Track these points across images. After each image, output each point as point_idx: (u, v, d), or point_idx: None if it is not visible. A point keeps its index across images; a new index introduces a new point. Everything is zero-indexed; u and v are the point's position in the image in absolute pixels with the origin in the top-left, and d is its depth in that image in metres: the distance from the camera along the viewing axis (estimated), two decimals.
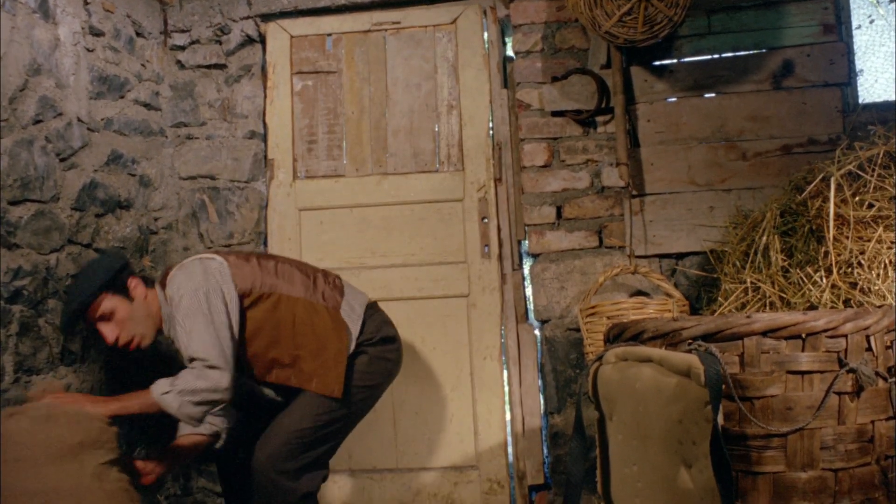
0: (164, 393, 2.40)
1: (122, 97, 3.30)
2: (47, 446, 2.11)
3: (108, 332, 2.60)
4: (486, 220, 3.40)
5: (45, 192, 2.81)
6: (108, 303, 2.57)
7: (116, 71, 3.26)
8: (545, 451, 3.30)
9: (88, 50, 3.10)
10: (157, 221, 3.48)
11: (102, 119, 3.17)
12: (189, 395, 2.40)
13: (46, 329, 2.77)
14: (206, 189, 3.57)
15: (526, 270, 3.43)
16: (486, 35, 3.50)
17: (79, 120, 3.02)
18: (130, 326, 2.61)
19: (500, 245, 3.40)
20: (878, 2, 3.28)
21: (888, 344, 1.94)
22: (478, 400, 3.34)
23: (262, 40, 3.62)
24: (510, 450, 3.35)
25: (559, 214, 3.32)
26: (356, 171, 3.53)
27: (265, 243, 3.54)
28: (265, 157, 3.58)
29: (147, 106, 3.47)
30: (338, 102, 3.56)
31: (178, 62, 3.64)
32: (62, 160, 2.92)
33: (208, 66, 3.62)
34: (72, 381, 2.87)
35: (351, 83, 3.56)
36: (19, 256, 2.68)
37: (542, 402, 3.32)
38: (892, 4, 3.26)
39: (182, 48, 3.63)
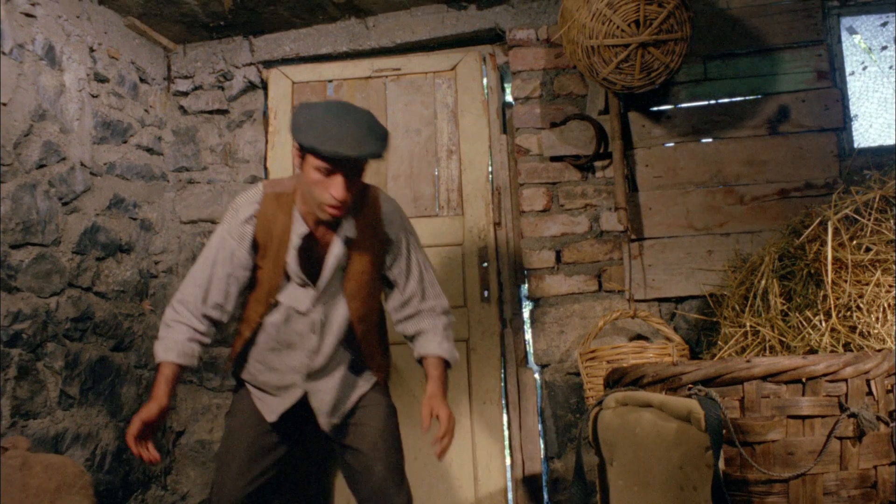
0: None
1: (125, 142, 3.33)
2: (25, 493, 2.11)
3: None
4: (485, 265, 3.41)
5: (46, 236, 2.82)
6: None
7: (120, 116, 3.30)
8: (546, 496, 3.27)
9: (93, 96, 3.15)
10: (157, 265, 3.49)
11: (105, 163, 3.20)
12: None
13: (45, 373, 2.76)
14: (207, 233, 3.58)
15: (525, 314, 3.43)
16: (485, 81, 3.54)
17: (82, 164, 3.05)
18: None
19: (500, 289, 3.40)
20: (870, 49, 3.33)
21: (889, 388, 1.94)
22: (477, 445, 3.31)
23: (265, 86, 3.67)
24: (510, 495, 3.31)
25: (558, 258, 3.33)
26: None
27: None
28: None
29: (149, 150, 3.51)
30: None
31: (181, 107, 3.68)
32: (64, 204, 2.94)
33: (210, 112, 3.67)
34: (69, 426, 2.85)
35: None
36: (19, 300, 2.69)
37: (542, 446, 3.30)
38: (885, 51, 3.31)
39: (185, 94, 3.68)
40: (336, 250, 2.36)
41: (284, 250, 2.34)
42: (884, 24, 3.30)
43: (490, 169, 3.49)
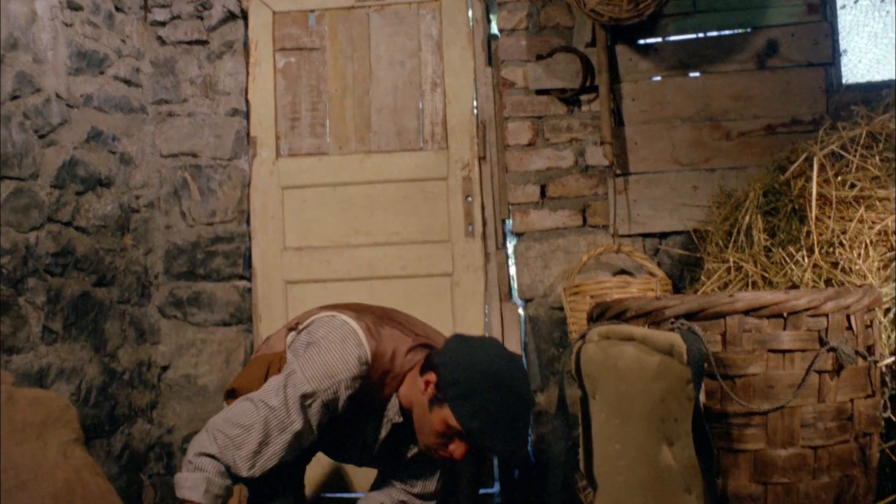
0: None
1: (101, 73, 3.25)
2: (10, 427, 2.11)
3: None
4: (469, 199, 3.39)
5: (23, 170, 2.77)
6: None
7: (95, 46, 3.22)
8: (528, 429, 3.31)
9: (66, 24, 3.05)
10: (138, 199, 3.45)
11: (82, 95, 3.12)
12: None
13: (26, 308, 2.75)
14: (188, 167, 3.54)
15: (510, 249, 3.43)
16: (470, 13, 3.47)
17: (57, 96, 2.97)
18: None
19: (484, 224, 3.39)
20: None
21: (868, 323, 1.95)
22: None
23: (245, 16, 3.58)
24: None
25: (543, 193, 3.32)
26: (339, 150, 3.51)
27: (248, 222, 3.52)
28: (248, 134, 3.55)
29: (127, 82, 3.43)
30: (321, 80, 3.53)
31: (159, 38, 3.59)
32: (41, 137, 2.88)
33: (189, 43, 3.58)
34: (53, 361, 2.85)
35: (334, 60, 3.53)
36: None
37: None
38: None
39: (163, 24, 3.58)
40: (384, 432, 2.37)
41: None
42: None
43: (475, 102, 3.44)
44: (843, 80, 3.21)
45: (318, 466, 3.23)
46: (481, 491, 3.28)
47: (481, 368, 2.10)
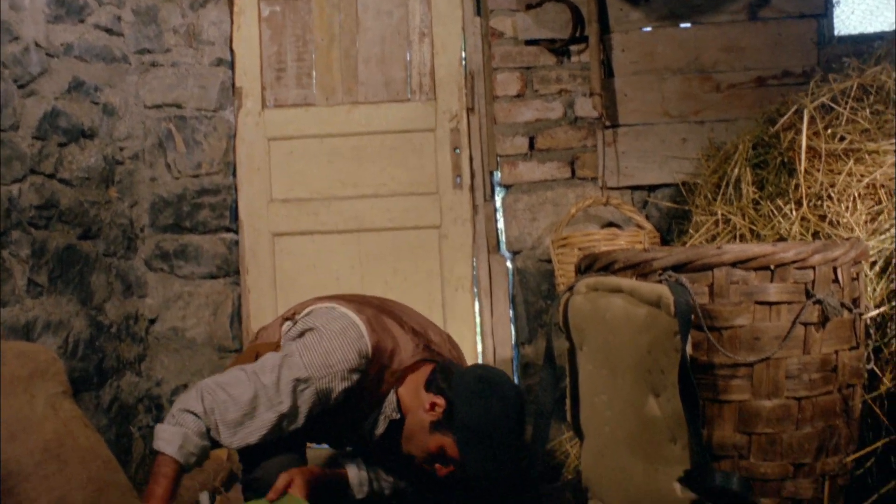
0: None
1: (81, 21, 3.18)
2: None
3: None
4: (457, 151, 3.37)
5: (3, 121, 2.72)
6: None
7: None
8: (516, 380, 3.34)
9: None
10: (122, 151, 3.40)
11: (62, 44, 3.06)
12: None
13: (10, 261, 2.72)
14: (173, 118, 3.49)
15: (498, 201, 3.42)
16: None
17: (36, 45, 2.91)
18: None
19: (472, 176, 3.37)
20: None
21: (854, 276, 1.96)
22: (449, 331, 3.34)
23: None
24: None
25: (532, 145, 3.30)
26: (326, 101, 3.46)
27: (234, 173, 3.48)
28: (233, 85, 3.50)
29: (109, 31, 3.36)
30: (307, 29, 3.47)
31: None
32: (20, 87, 2.82)
33: None
34: (39, 314, 2.84)
35: (320, 9, 3.47)
36: None
37: (513, 332, 3.35)
38: None
39: None
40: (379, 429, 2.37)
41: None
42: None
43: (463, 53, 3.40)
44: (836, 32, 3.19)
45: None
46: None
47: (499, 423, 2.19)
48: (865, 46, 3.01)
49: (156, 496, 2.00)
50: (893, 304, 2.12)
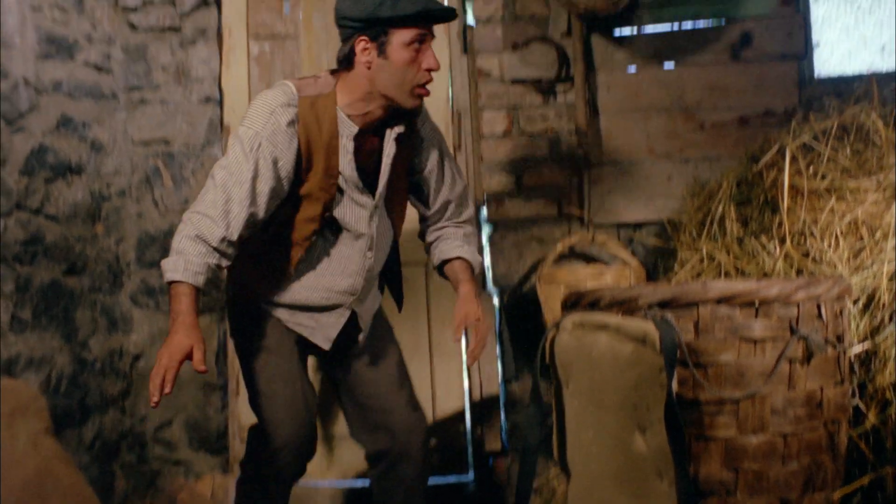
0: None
1: (71, 59, 3.20)
2: None
3: None
4: None
5: None
6: None
7: (65, 31, 3.16)
8: (503, 417, 3.33)
9: (34, 9, 3.00)
10: (109, 187, 3.40)
11: (51, 81, 3.07)
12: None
13: None
14: (161, 154, 3.50)
15: (484, 238, 3.43)
16: (446, 2, 3.45)
17: (26, 82, 2.92)
18: None
19: None
20: None
21: (838, 312, 1.98)
22: (436, 367, 3.35)
23: (218, 3, 3.53)
24: (468, 416, 3.37)
25: (518, 183, 3.32)
26: None
27: None
28: (221, 122, 3.51)
29: (98, 68, 3.38)
30: (295, 68, 3.50)
31: (130, 24, 3.53)
32: (9, 123, 2.83)
33: (162, 29, 3.53)
34: (22, 350, 2.81)
35: (309, 48, 3.50)
36: None
37: (499, 369, 3.34)
38: None
39: (134, 9, 3.53)
40: (389, 150, 2.17)
41: (336, 157, 2.11)
42: None
43: (450, 91, 3.43)
44: (816, 73, 3.24)
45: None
46: (454, 479, 3.31)
47: None
48: (845, 87, 3.07)
49: (180, 310, 1.99)
50: (877, 339, 2.13)
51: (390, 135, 2.17)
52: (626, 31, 3.28)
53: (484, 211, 3.39)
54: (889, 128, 2.55)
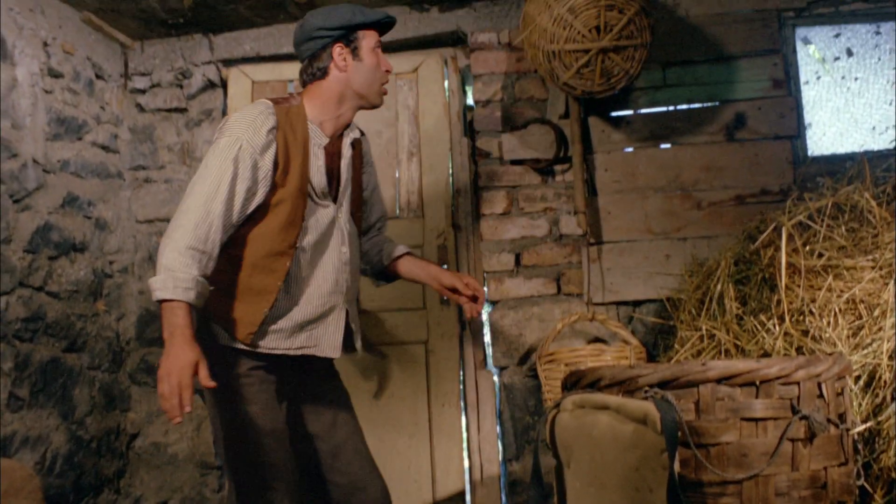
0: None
1: (79, 139, 3.27)
2: None
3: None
4: (445, 267, 3.41)
5: None
6: None
7: (74, 113, 3.24)
8: (504, 498, 3.27)
9: (46, 91, 3.08)
10: (112, 265, 3.43)
11: (59, 161, 3.13)
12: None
13: None
14: (163, 233, 3.53)
15: (484, 317, 3.43)
16: (446, 84, 3.54)
17: (34, 161, 2.98)
18: None
19: None
20: (824, 59, 3.40)
21: (839, 391, 1.97)
22: (436, 447, 3.31)
23: (224, 85, 3.63)
24: (468, 498, 3.31)
25: (518, 262, 3.34)
26: None
27: None
28: None
29: (105, 148, 3.45)
30: None
31: (138, 105, 3.62)
32: (16, 202, 2.88)
33: (168, 110, 3.62)
34: (18, 429, 2.79)
35: None
36: None
37: (500, 449, 3.31)
38: (837, 62, 3.38)
39: (142, 91, 3.62)
40: (347, 153, 2.33)
41: (307, 166, 2.22)
42: (837, 36, 3.37)
43: (450, 171, 3.49)
44: (809, 152, 3.29)
45: None
46: None
47: (337, 7, 2.31)
48: (838, 165, 3.12)
49: (177, 324, 1.97)
50: (880, 419, 2.12)
51: (346, 141, 2.35)
52: (623, 112, 3.35)
53: (484, 290, 3.40)
54: (883, 207, 2.58)
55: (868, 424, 2.11)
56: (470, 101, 3.56)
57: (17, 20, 2.94)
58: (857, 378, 2.20)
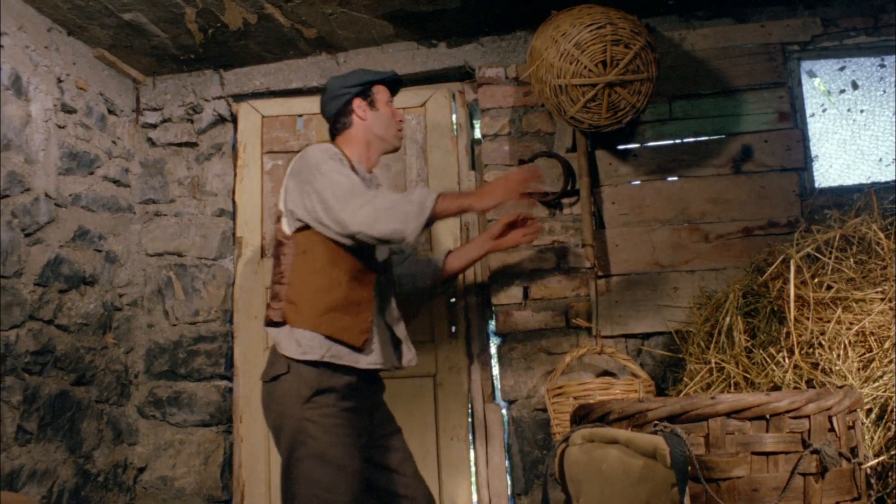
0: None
1: (91, 173, 3.30)
2: None
3: None
4: (452, 300, 3.41)
5: (7, 268, 2.78)
6: None
7: (87, 147, 3.28)
8: None
9: (59, 126, 3.12)
10: (121, 298, 3.44)
11: (70, 195, 3.16)
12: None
13: (2, 407, 2.70)
14: (173, 266, 3.55)
15: (493, 350, 3.42)
16: (454, 118, 3.57)
17: (46, 195, 3.01)
18: None
19: (468, 325, 3.40)
20: (829, 92, 3.42)
21: (850, 424, 1.96)
22: (445, 481, 3.28)
23: (234, 120, 3.67)
24: None
25: (526, 294, 3.34)
26: None
27: (231, 321, 3.51)
28: (233, 234, 3.58)
29: (116, 182, 3.48)
30: None
31: (150, 140, 3.66)
32: (27, 235, 2.90)
33: (179, 144, 3.65)
34: (25, 462, 2.78)
35: None
36: None
37: (509, 483, 3.28)
38: (843, 94, 3.39)
39: (154, 126, 3.67)
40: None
41: None
42: (842, 69, 3.39)
43: None
44: (816, 184, 3.30)
45: None
46: None
47: (355, 72, 2.75)
48: (845, 197, 3.13)
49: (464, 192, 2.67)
50: (893, 452, 2.10)
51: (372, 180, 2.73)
52: (630, 145, 3.37)
53: (492, 323, 3.40)
54: (891, 239, 2.58)
55: (881, 458, 2.09)
56: (477, 134, 3.59)
57: (32, 57, 2.99)
58: (869, 411, 2.19)
